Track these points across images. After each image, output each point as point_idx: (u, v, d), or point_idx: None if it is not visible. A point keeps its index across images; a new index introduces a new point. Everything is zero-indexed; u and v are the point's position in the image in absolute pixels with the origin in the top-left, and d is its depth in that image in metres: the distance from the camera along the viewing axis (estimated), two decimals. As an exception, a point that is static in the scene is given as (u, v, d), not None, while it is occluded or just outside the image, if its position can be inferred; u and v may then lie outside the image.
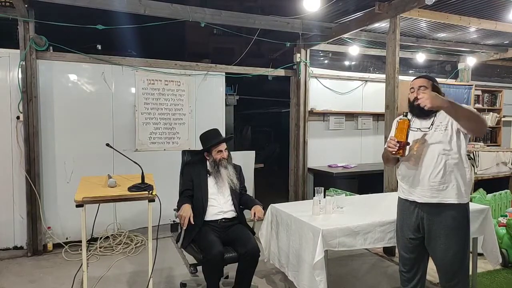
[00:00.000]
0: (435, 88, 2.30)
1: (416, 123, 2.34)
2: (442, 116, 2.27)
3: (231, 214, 3.12)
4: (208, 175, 3.16)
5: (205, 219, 3.04)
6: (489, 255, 3.10)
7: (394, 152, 2.25)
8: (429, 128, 2.29)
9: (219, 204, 3.10)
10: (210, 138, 3.19)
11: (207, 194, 3.09)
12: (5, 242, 4.30)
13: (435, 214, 2.27)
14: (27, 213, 4.21)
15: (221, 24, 4.80)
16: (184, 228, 2.85)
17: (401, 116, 2.27)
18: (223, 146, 3.16)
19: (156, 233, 3.14)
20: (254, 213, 2.99)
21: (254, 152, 5.69)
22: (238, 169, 3.31)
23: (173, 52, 7.09)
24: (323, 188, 3.03)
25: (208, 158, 3.18)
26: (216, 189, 3.12)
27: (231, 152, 3.26)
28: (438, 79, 2.48)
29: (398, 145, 2.22)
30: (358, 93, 6.34)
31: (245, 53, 5.49)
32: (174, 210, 3.10)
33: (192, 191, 3.11)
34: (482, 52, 6.52)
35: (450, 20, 4.57)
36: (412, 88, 2.34)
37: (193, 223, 2.84)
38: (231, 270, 3.14)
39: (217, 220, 3.06)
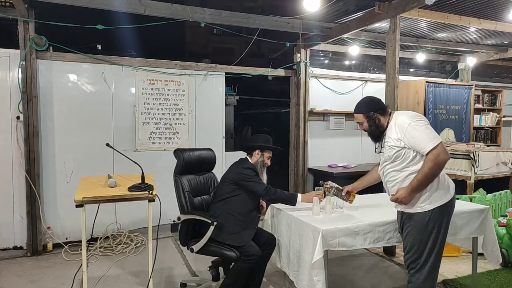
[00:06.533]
0: (370, 119, 2.51)
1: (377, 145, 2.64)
2: (388, 134, 2.48)
3: None
4: None
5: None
6: (490, 255, 3.10)
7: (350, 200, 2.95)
8: (380, 150, 2.58)
9: None
10: (265, 140, 3.22)
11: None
12: (5, 242, 4.30)
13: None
14: (27, 213, 4.21)
15: (221, 24, 4.80)
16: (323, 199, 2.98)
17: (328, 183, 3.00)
18: (271, 154, 3.21)
19: (156, 233, 3.14)
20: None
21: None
22: None
23: (173, 52, 7.10)
24: (323, 188, 3.03)
25: (257, 156, 3.14)
26: None
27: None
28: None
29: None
30: (358, 93, 6.34)
31: (245, 53, 5.49)
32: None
33: None
34: (482, 52, 6.52)
35: (450, 20, 4.57)
36: (357, 121, 2.63)
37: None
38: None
39: None
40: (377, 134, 2.55)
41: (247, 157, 3.17)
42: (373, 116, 2.51)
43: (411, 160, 2.39)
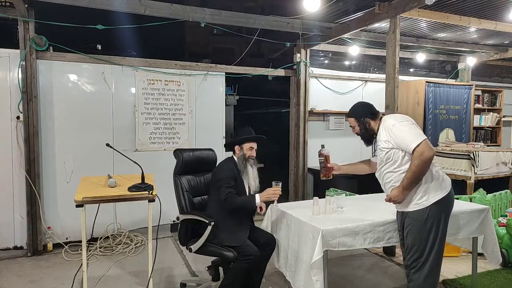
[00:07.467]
0: (361, 123, 2.64)
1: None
2: (378, 138, 2.58)
3: None
4: (241, 175, 3.12)
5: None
6: (490, 255, 3.11)
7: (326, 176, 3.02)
8: (374, 152, 2.70)
9: None
10: (244, 133, 3.21)
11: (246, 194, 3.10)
12: (5, 242, 4.30)
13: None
14: (27, 213, 4.21)
15: (221, 24, 4.80)
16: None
17: (324, 150, 3.11)
18: (255, 144, 3.15)
19: (156, 233, 3.14)
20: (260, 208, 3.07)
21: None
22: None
23: (173, 52, 7.09)
24: (280, 182, 2.96)
25: (238, 152, 3.12)
26: (246, 189, 3.13)
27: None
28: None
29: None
30: (358, 93, 6.35)
31: (245, 53, 5.50)
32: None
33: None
34: (482, 52, 6.52)
35: (450, 20, 4.57)
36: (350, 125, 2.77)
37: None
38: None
39: None
40: (367, 137, 2.68)
41: (233, 155, 3.17)
42: (363, 120, 2.65)
43: (401, 160, 2.47)
